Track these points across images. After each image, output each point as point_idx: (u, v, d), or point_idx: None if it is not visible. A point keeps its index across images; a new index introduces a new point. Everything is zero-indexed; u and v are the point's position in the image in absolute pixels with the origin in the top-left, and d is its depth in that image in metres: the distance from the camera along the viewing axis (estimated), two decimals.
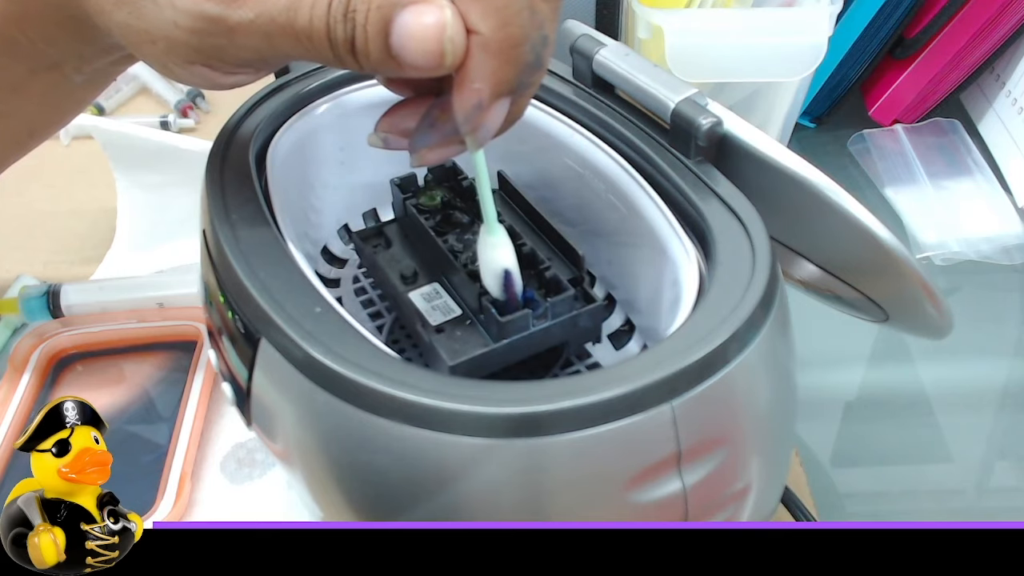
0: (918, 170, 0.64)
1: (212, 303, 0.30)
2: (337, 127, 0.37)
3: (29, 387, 0.46)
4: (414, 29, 0.23)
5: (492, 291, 0.30)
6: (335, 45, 0.25)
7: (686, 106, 0.32)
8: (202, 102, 0.72)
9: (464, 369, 0.30)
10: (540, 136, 0.36)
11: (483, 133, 0.25)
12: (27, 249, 0.59)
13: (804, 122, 0.70)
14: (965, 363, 0.52)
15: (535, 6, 0.24)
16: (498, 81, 0.24)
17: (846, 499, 0.45)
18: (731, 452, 0.26)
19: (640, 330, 0.36)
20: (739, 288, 0.27)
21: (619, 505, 0.25)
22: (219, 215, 0.29)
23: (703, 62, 0.57)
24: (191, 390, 0.46)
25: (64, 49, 0.33)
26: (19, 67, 0.33)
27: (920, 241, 0.58)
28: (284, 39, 0.25)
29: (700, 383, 0.24)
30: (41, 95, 0.35)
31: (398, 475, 0.25)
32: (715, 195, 0.31)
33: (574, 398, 0.23)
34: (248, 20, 0.25)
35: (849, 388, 0.52)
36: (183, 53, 0.26)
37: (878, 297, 0.35)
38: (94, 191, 0.62)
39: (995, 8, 0.61)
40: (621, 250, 0.36)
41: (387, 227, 0.37)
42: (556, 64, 0.38)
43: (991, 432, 0.49)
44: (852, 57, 0.65)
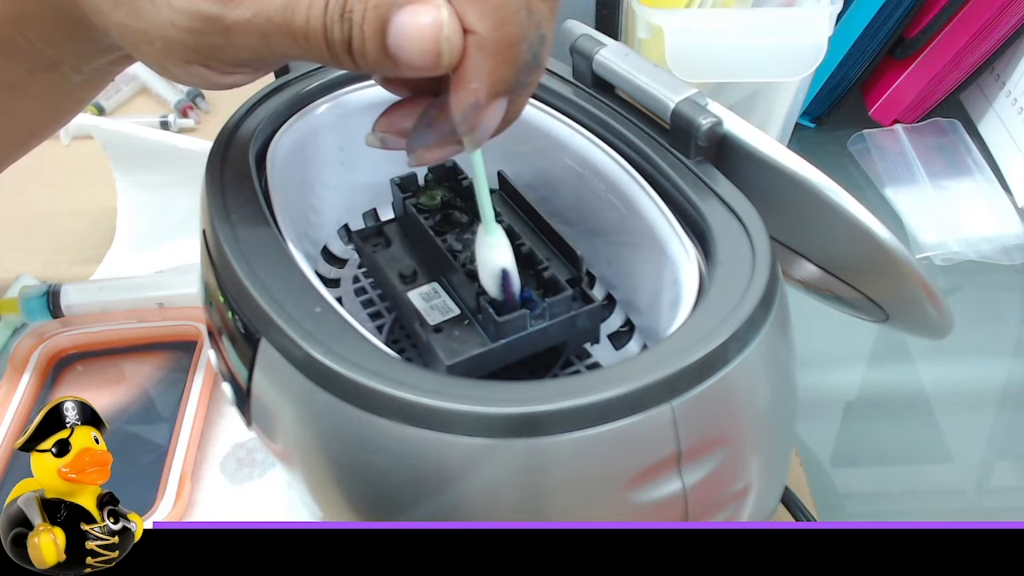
0: (918, 170, 0.63)
1: (212, 303, 0.30)
2: (337, 127, 0.37)
3: (29, 387, 0.46)
4: (411, 29, 0.23)
5: (490, 291, 0.30)
6: (332, 45, 0.25)
7: (686, 106, 0.32)
8: (202, 102, 0.72)
9: (461, 369, 0.30)
10: (540, 136, 0.36)
11: (480, 133, 0.25)
12: (27, 249, 0.59)
13: (804, 122, 0.70)
14: (965, 363, 0.52)
15: (532, 6, 0.24)
16: (495, 81, 0.24)
17: (846, 499, 0.45)
18: (731, 452, 0.26)
19: (640, 330, 0.36)
20: (739, 288, 0.27)
21: (619, 505, 0.25)
22: (219, 215, 0.29)
23: (703, 62, 0.57)
24: (191, 390, 0.46)
25: (62, 49, 0.33)
26: (17, 67, 0.33)
27: (920, 241, 0.58)
28: (281, 39, 0.25)
29: (700, 383, 0.24)
30: (40, 95, 0.35)
31: (398, 475, 0.25)
32: (715, 195, 0.31)
33: (574, 398, 0.23)
34: (245, 19, 0.25)
35: (849, 388, 0.52)
36: (180, 53, 0.26)
37: (878, 297, 0.35)
38: (94, 191, 0.62)
39: (995, 8, 0.61)
40: (621, 250, 0.36)
41: (387, 226, 0.37)
42: (556, 64, 0.38)
43: (991, 432, 0.49)
44: (852, 57, 0.65)
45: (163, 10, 0.25)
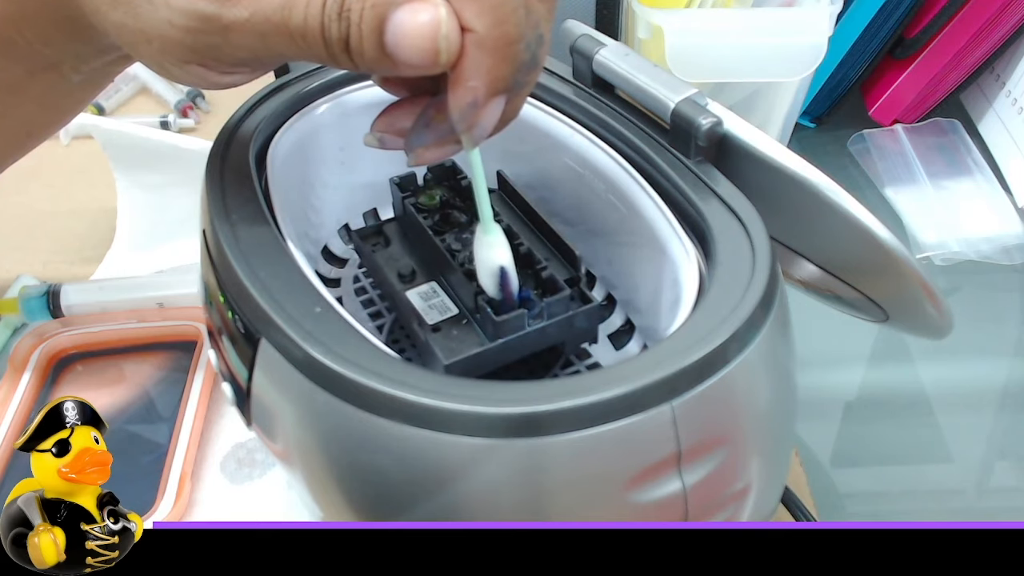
0: (918, 170, 0.63)
1: (212, 303, 0.30)
2: (337, 127, 0.37)
3: (29, 387, 0.46)
4: (409, 27, 0.23)
5: (488, 290, 0.30)
6: (330, 44, 0.25)
7: (686, 106, 0.32)
8: (202, 102, 0.72)
9: (459, 368, 0.30)
10: (540, 136, 0.36)
11: (478, 131, 0.25)
12: (27, 249, 0.59)
13: (804, 122, 0.70)
14: (965, 363, 0.52)
15: (531, 5, 0.24)
16: (493, 79, 0.24)
17: (846, 499, 0.45)
18: (731, 452, 0.26)
19: (640, 330, 0.36)
20: (739, 288, 0.27)
21: (619, 505, 0.25)
22: (219, 215, 0.29)
23: (703, 62, 0.57)
24: (191, 390, 0.46)
25: (61, 49, 0.33)
26: (16, 68, 0.33)
27: (920, 241, 0.58)
28: (279, 38, 0.25)
29: (700, 383, 0.24)
30: (39, 96, 0.35)
31: (398, 475, 0.25)
32: (715, 195, 0.31)
33: (574, 398, 0.23)
34: (243, 19, 0.25)
35: (849, 388, 0.52)
36: (178, 53, 0.26)
37: (878, 297, 0.35)
38: (94, 191, 0.62)
39: (995, 8, 0.61)
40: (621, 250, 0.36)
41: (386, 226, 0.37)
42: (556, 64, 0.38)
43: (991, 432, 0.49)
44: (852, 57, 0.65)
45: (161, 10, 0.25)
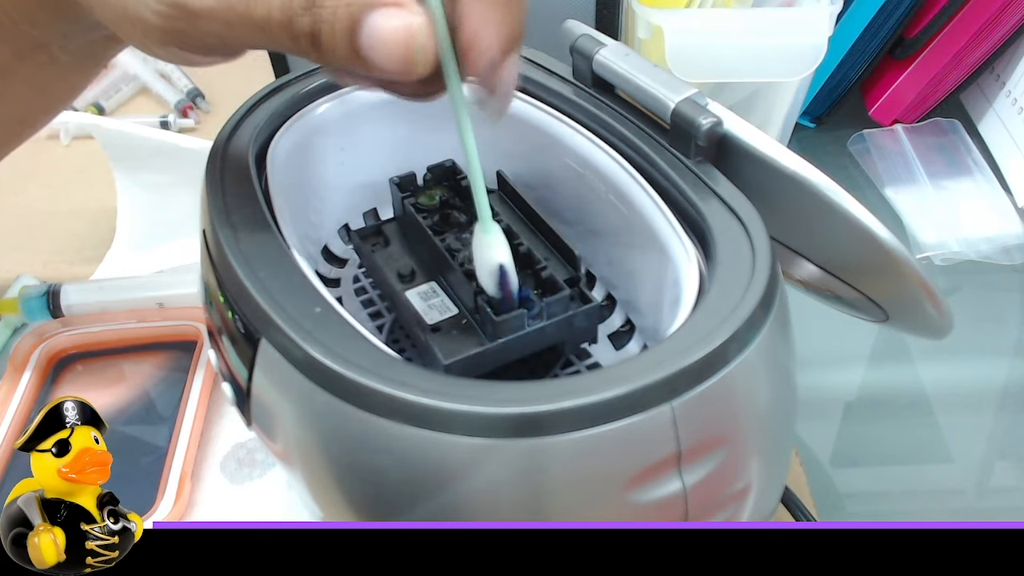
0: (918, 170, 0.63)
1: (212, 303, 0.30)
2: (337, 127, 0.37)
3: (29, 387, 0.46)
4: (383, 32, 0.24)
5: (487, 289, 0.30)
6: (296, 38, 0.25)
7: (686, 106, 0.32)
8: (202, 102, 0.72)
9: (459, 368, 0.30)
10: (539, 136, 0.36)
11: (503, 90, 0.25)
12: (27, 249, 0.59)
13: (804, 122, 0.70)
14: (965, 363, 0.52)
15: None
16: (506, 35, 0.24)
17: (846, 499, 0.45)
18: (731, 452, 0.26)
19: (640, 330, 0.36)
20: (739, 288, 0.27)
21: (619, 505, 0.25)
22: (219, 215, 0.29)
23: (703, 62, 0.57)
24: (191, 390, 0.46)
25: (48, 29, 0.33)
26: (4, 49, 0.33)
27: (920, 241, 0.58)
28: (243, 28, 0.25)
29: (700, 383, 0.24)
30: (29, 78, 0.35)
31: (398, 475, 0.25)
32: (715, 195, 0.31)
33: (574, 398, 0.23)
34: (208, 8, 0.25)
35: (849, 388, 0.52)
36: (157, 35, 0.27)
37: (878, 297, 0.35)
38: (94, 191, 0.62)
39: (995, 8, 0.61)
40: (621, 250, 0.36)
41: (386, 226, 0.37)
42: (556, 64, 0.38)
43: (991, 432, 0.49)
44: (852, 57, 0.65)
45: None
